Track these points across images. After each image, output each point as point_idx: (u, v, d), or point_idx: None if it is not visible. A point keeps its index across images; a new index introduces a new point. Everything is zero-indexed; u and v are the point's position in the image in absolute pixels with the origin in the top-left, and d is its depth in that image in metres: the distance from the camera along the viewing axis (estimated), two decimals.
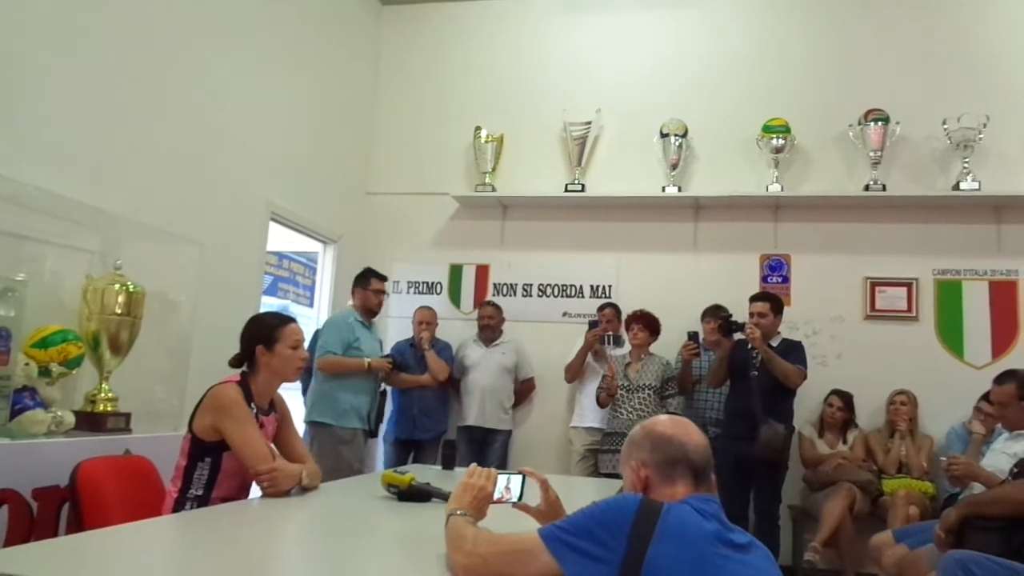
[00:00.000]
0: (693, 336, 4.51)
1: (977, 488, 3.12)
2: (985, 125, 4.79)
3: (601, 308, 4.91)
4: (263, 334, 2.43)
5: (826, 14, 5.33)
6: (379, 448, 5.22)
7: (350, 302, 4.59)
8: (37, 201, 2.86)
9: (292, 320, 2.53)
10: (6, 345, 2.54)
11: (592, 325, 4.72)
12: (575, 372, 4.86)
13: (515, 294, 5.51)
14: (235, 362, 2.47)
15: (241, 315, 2.61)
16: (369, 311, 4.49)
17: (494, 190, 5.49)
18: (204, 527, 1.92)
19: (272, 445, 2.44)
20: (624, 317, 4.76)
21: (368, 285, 4.45)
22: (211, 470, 2.29)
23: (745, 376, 4.18)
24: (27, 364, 2.62)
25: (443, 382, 4.90)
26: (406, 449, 4.92)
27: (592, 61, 5.61)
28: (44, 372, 2.67)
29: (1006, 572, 2.37)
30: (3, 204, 2.74)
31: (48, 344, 2.69)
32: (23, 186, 2.78)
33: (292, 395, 3.67)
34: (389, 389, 4.83)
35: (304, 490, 2.37)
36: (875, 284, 4.99)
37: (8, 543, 2.21)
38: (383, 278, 4.56)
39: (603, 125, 5.48)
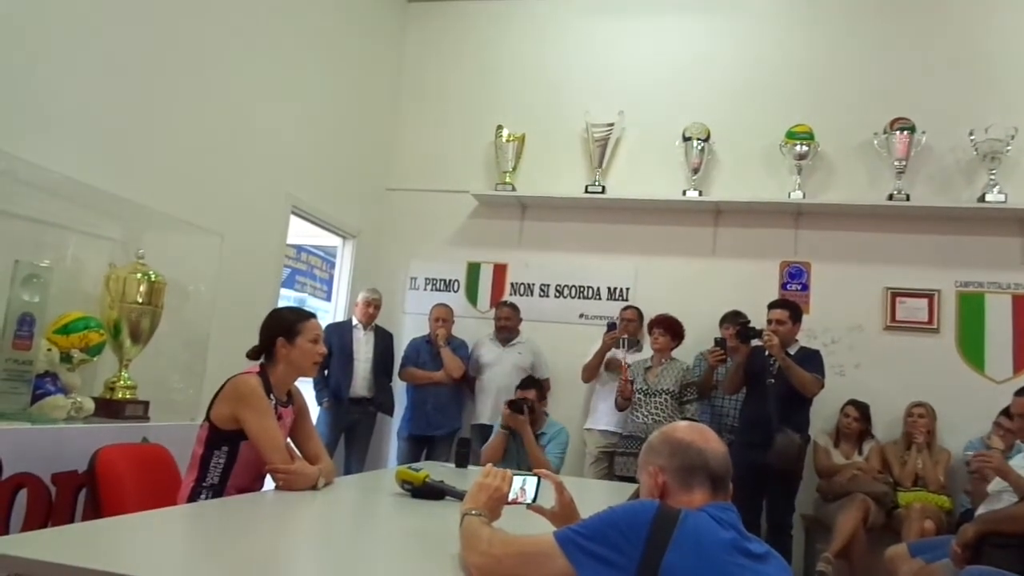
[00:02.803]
0: (720, 342, 4.47)
1: (1004, 500, 3.08)
2: (1013, 137, 4.72)
3: (623, 310, 4.90)
4: (284, 327, 2.45)
5: (854, 21, 5.27)
6: (392, 443, 5.25)
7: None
8: (62, 188, 2.90)
9: (312, 315, 2.56)
10: (30, 331, 2.57)
11: (611, 327, 4.71)
12: (592, 373, 4.85)
13: (532, 294, 5.50)
14: (253, 354, 2.49)
15: (260, 307, 2.63)
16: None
17: (514, 189, 5.49)
18: (219, 518, 1.93)
19: (290, 440, 2.45)
20: (647, 321, 4.74)
21: None
22: (227, 459, 2.30)
23: (761, 383, 4.14)
24: (49, 350, 2.66)
25: (457, 379, 4.93)
26: (419, 445, 4.95)
27: (616, 63, 5.59)
28: (66, 358, 2.70)
29: None
30: (29, 190, 2.78)
31: (70, 330, 2.71)
32: (49, 173, 2.82)
33: (304, 388, 3.69)
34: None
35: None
36: (896, 295, 4.93)
37: (27, 527, 2.25)
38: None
39: (625, 127, 5.46)
